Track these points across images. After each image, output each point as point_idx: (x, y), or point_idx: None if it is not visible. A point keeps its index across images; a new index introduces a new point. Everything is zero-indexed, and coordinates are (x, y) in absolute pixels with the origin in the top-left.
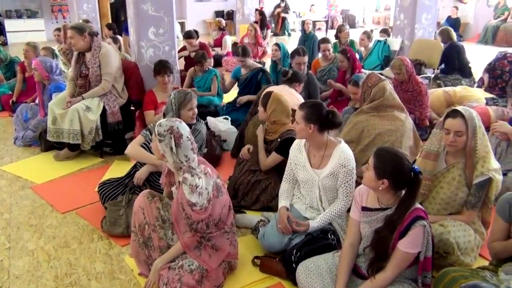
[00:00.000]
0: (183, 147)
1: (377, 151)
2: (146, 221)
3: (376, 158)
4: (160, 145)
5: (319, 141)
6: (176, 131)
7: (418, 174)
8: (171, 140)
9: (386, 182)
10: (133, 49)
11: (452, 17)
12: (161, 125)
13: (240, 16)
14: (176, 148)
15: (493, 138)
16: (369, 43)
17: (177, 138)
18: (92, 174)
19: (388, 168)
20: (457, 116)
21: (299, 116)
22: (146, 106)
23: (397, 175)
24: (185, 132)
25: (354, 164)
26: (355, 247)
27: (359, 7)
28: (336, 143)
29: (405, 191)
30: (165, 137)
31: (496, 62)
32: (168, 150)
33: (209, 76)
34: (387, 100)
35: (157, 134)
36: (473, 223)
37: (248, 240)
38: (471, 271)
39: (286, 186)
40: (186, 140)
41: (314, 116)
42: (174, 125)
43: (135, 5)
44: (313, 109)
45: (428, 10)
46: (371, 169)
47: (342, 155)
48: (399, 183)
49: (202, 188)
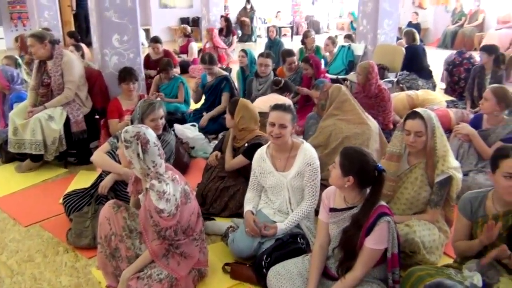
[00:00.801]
0: (150, 153)
1: (343, 150)
2: (113, 231)
3: (342, 156)
4: (127, 151)
5: (286, 144)
6: (143, 137)
7: (381, 172)
8: (138, 146)
9: (351, 179)
10: (96, 57)
11: (413, 23)
12: (127, 131)
13: (205, 22)
14: (143, 154)
15: (455, 139)
16: (333, 48)
17: (143, 144)
18: (56, 185)
19: (353, 166)
20: (416, 117)
21: (287, 118)
22: (110, 115)
23: (362, 172)
24: (151, 138)
25: (318, 163)
26: (324, 249)
27: (323, 13)
28: (299, 143)
29: (370, 189)
30: (131, 143)
31: (454, 68)
32: (135, 156)
33: (175, 83)
34: (345, 95)
35: (123, 140)
36: (437, 221)
37: (218, 247)
38: (437, 269)
39: (250, 195)
40: (153, 146)
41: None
42: (141, 131)
43: (98, 12)
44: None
45: (389, 16)
46: (337, 167)
47: (307, 153)
48: (364, 180)
49: (169, 194)
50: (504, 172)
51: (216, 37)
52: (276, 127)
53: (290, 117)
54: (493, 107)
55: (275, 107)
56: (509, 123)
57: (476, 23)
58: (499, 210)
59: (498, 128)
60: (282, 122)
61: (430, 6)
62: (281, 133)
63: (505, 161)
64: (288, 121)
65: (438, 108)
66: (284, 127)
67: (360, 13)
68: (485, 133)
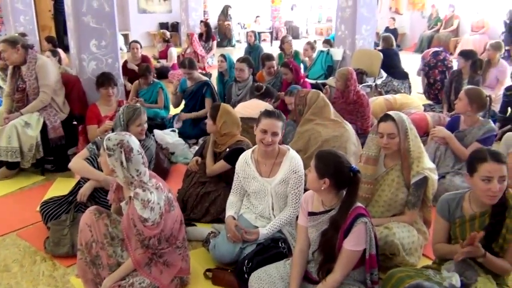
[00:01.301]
0: (134, 161)
1: (317, 153)
2: (94, 238)
3: (317, 159)
4: (110, 159)
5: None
6: (127, 145)
7: (356, 173)
8: (121, 154)
9: (327, 181)
10: (74, 62)
11: (390, 28)
12: (110, 139)
13: (185, 27)
14: (127, 162)
15: (432, 142)
16: (312, 53)
17: (127, 152)
18: (33, 193)
19: (328, 168)
20: (388, 119)
21: (279, 125)
22: (89, 121)
23: (337, 174)
24: (135, 146)
25: (303, 171)
26: (305, 253)
27: (302, 18)
28: (285, 150)
29: (346, 190)
30: (114, 152)
31: (430, 70)
32: (118, 164)
33: (154, 89)
34: (324, 100)
35: (106, 148)
36: (415, 223)
37: (199, 253)
38: (416, 271)
39: (233, 199)
40: (137, 154)
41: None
42: (124, 139)
43: (75, 17)
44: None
45: (367, 21)
46: (313, 170)
47: (293, 161)
48: (340, 181)
49: (154, 203)
50: (482, 176)
51: (195, 42)
52: (268, 134)
53: (282, 124)
54: (466, 107)
55: (268, 114)
56: (484, 124)
57: (451, 29)
58: (476, 211)
59: (474, 129)
60: (274, 130)
61: (407, 11)
62: (273, 140)
63: (483, 165)
64: (279, 129)
65: (416, 112)
66: (276, 135)
67: (338, 18)
68: (461, 134)
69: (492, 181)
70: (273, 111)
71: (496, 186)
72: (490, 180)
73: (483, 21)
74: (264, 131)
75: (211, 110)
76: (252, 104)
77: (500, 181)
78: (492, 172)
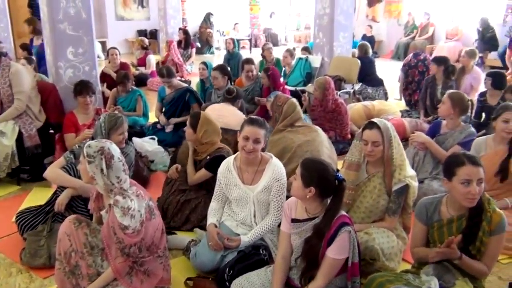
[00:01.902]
0: (115, 168)
1: (303, 161)
2: (73, 248)
3: (303, 167)
4: (90, 167)
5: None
6: (107, 152)
7: (342, 182)
8: (102, 161)
9: (313, 190)
10: (50, 70)
11: (367, 35)
12: (90, 146)
13: (163, 35)
14: (107, 169)
15: (411, 148)
16: (291, 60)
17: (108, 159)
18: (9, 203)
19: (314, 176)
20: (374, 127)
21: (262, 133)
22: (66, 129)
23: (323, 183)
24: (116, 153)
25: (286, 179)
26: (287, 260)
27: (280, 26)
28: (268, 158)
29: (331, 199)
30: (95, 159)
31: (409, 69)
32: (98, 172)
33: (133, 96)
34: (299, 114)
35: (86, 155)
36: (395, 228)
37: (180, 262)
38: (396, 275)
39: (215, 205)
40: (118, 161)
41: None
42: (105, 146)
43: (51, 24)
44: None
45: (344, 29)
46: (299, 178)
47: (275, 169)
48: (325, 190)
49: (134, 210)
50: (461, 179)
51: (173, 50)
52: (250, 141)
53: (264, 132)
54: (449, 110)
55: (250, 122)
56: (465, 128)
57: (427, 36)
58: (453, 214)
59: (455, 133)
60: (256, 137)
61: (383, 19)
62: (254, 148)
63: (462, 169)
64: (262, 136)
65: (393, 118)
66: (258, 142)
67: (316, 26)
68: (442, 137)
69: (472, 184)
70: (257, 119)
71: (475, 189)
72: (469, 183)
73: (457, 29)
74: (246, 138)
75: (191, 119)
76: (221, 109)
77: (478, 184)
78: (471, 175)
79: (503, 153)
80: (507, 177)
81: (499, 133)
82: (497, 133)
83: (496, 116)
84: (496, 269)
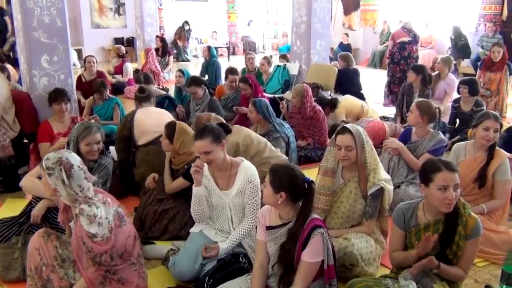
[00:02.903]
0: (76, 177)
1: (271, 168)
2: (43, 262)
3: (271, 173)
4: (50, 179)
5: (224, 163)
6: (66, 161)
7: (310, 184)
8: (62, 172)
9: (283, 194)
10: (24, 78)
11: (344, 43)
12: (48, 158)
13: (140, 42)
14: (68, 179)
15: (386, 153)
16: (269, 68)
17: (67, 169)
18: None
19: (283, 181)
20: (346, 132)
21: (206, 144)
22: (40, 138)
23: (293, 186)
24: (75, 162)
25: (259, 181)
26: (264, 268)
27: (258, 33)
28: (238, 161)
29: (302, 202)
30: (54, 170)
31: (392, 64)
32: (60, 183)
33: (110, 104)
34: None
35: (45, 168)
36: (373, 233)
37: (159, 272)
38: (375, 280)
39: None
40: (78, 169)
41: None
42: (63, 156)
43: (24, 32)
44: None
45: (321, 37)
46: (268, 185)
47: (248, 171)
48: (295, 194)
49: (101, 218)
50: (438, 185)
51: (151, 57)
52: (202, 155)
53: (210, 140)
54: (417, 119)
55: (194, 137)
56: (434, 135)
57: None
58: (430, 219)
59: (425, 140)
60: (203, 150)
61: (359, 27)
62: (208, 159)
63: (439, 174)
64: (209, 146)
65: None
66: (208, 153)
67: (293, 34)
68: (413, 145)
69: (448, 189)
70: (197, 132)
71: (452, 194)
72: (446, 188)
73: (432, 37)
74: (199, 153)
75: (166, 130)
76: (156, 119)
77: (454, 189)
78: (447, 181)
79: (482, 160)
80: (485, 183)
81: (479, 140)
82: (476, 140)
83: (477, 123)
84: (472, 272)
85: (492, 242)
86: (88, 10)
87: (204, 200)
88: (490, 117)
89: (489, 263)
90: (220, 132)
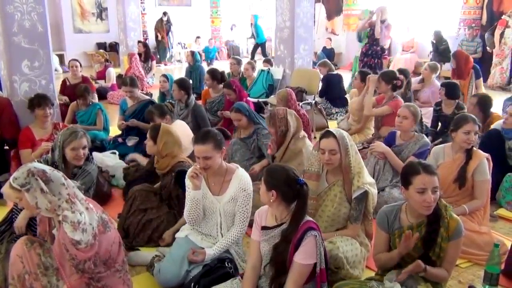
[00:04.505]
0: (54, 178)
1: (267, 168)
2: (26, 270)
3: (266, 172)
4: (29, 195)
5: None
6: (36, 170)
7: (303, 185)
8: (38, 181)
9: (274, 193)
10: (4, 84)
11: (327, 48)
12: (16, 177)
13: (123, 47)
14: (47, 185)
15: (371, 157)
16: (253, 72)
17: (42, 175)
18: None
19: (275, 180)
20: (330, 136)
21: (208, 149)
22: (22, 145)
23: (284, 186)
24: (45, 167)
25: (252, 189)
26: (257, 269)
27: (242, 38)
28: (234, 168)
29: (295, 204)
30: (30, 183)
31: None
32: (39, 194)
33: (93, 110)
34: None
35: (20, 187)
36: (358, 236)
37: (143, 278)
38: (360, 283)
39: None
40: (51, 171)
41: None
42: (30, 167)
43: (5, 37)
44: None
45: (305, 41)
46: (262, 183)
47: (242, 179)
48: (288, 193)
49: (85, 224)
50: (417, 188)
51: (134, 62)
52: (200, 159)
53: (212, 146)
54: (411, 123)
55: (195, 140)
56: (419, 138)
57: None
58: (412, 221)
59: (410, 144)
60: (204, 155)
61: (342, 32)
62: (207, 164)
63: (417, 177)
64: (210, 152)
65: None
66: (208, 159)
67: (277, 38)
68: (399, 148)
69: (426, 192)
70: (199, 135)
71: (430, 197)
72: (424, 191)
73: (413, 41)
74: (197, 158)
75: (151, 131)
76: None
77: (433, 192)
78: (426, 183)
79: (460, 161)
80: (465, 184)
81: (459, 143)
82: (455, 143)
83: (456, 128)
84: (455, 273)
85: (475, 243)
86: (70, 14)
87: (201, 204)
88: (469, 121)
89: (472, 264)
90: (222, 139)
